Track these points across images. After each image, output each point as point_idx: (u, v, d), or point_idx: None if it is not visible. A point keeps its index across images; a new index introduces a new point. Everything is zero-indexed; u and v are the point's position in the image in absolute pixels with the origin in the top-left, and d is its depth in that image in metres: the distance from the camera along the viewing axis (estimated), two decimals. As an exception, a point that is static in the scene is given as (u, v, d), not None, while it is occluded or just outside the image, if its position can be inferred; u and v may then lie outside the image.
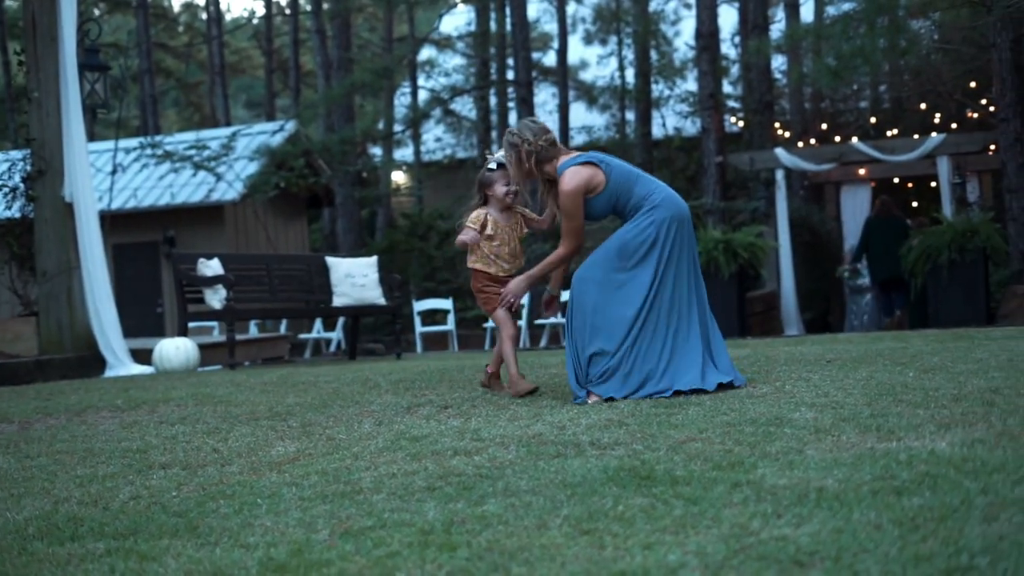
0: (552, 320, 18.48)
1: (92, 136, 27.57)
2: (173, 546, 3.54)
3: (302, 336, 20.89)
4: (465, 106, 30.57)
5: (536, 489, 3.85)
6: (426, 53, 33.31)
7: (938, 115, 20.35)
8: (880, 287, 18.78)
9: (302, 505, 3.94)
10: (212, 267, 12.48)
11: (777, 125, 22.36)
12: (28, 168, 13.16)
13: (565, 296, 7.96)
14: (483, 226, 6.75)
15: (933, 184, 20.43)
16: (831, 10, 23.08)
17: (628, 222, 6.34)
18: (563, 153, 6.45)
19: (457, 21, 33.61)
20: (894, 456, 3.90)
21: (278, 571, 3.16)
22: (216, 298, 12.38)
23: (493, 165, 6.73)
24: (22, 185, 13.34)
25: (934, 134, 18.80)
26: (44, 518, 4.08)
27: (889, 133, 20.74)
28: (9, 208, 13.65)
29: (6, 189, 13.53)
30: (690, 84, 27.73)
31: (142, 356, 12.45)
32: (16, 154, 14.24)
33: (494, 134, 29.37)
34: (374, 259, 14.03)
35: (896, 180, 22.85)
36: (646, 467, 4.02)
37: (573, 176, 6.25)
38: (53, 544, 3.70)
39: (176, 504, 4.15)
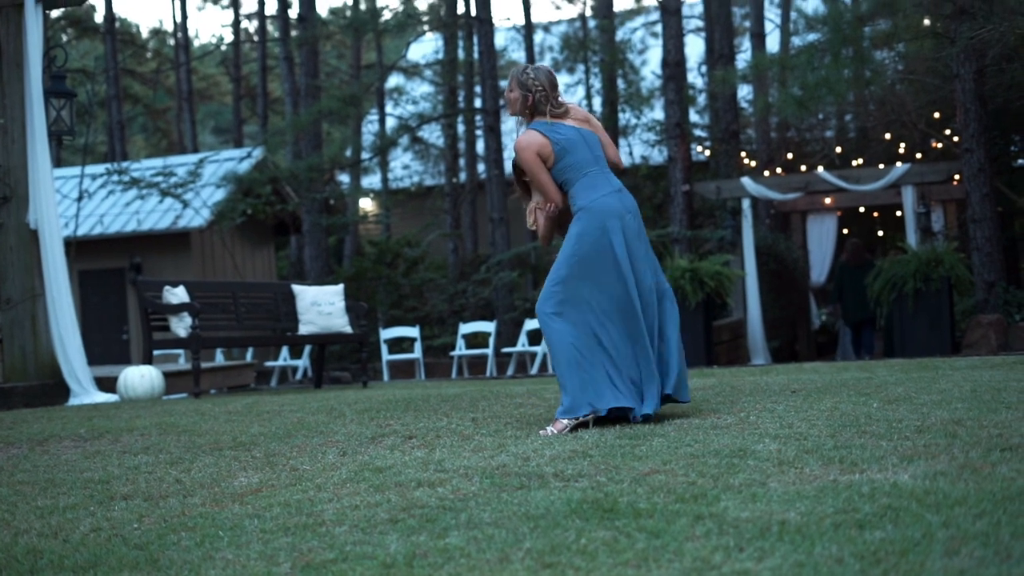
0: (520, 348, 18.51)
1: (59, 162, 27.43)
2: (133, 580, 3.52)
3: (268, 364, 20.81)
4: (433, 134, 30.60)
5: (499, 521, 3.85)
6: (394, 80, 33.35)
7: (903, 145, 20.48)
8: (851, 328, 19.08)
9: (264, 537, 3.92)
10: (177, 295, 12.42)
11: (743, 154, 22.46)
12: (-8, 195, 13.08)
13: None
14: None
15: (898, 213, 20.56)
16: (796, 40, 23.24)
17: None
18: (551, 113, 6.48)
19: (425, 49, 33.65)
20: (857, 489, 3.91)
21: (238, 606, 3.15)
22: (181, 326, 12.32)
23: None
24: (-14, 212, 13.26)
25: (899, 164, 18.93)
26: (3, 550, 4.05)
27: (854, 162, 20.86)
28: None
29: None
30: (657, 113, 27.84)
31: (107, 384, 12.36)
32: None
33: (462, 162, 29.41)
34: (341, 287, 13.98)
35: (862, 209, 23.01)
36: (609, 499, 4.02)
37: (526, 137, 6.42)
38: (11, 578, 3.67)
39: (137, 536, 4.13)
